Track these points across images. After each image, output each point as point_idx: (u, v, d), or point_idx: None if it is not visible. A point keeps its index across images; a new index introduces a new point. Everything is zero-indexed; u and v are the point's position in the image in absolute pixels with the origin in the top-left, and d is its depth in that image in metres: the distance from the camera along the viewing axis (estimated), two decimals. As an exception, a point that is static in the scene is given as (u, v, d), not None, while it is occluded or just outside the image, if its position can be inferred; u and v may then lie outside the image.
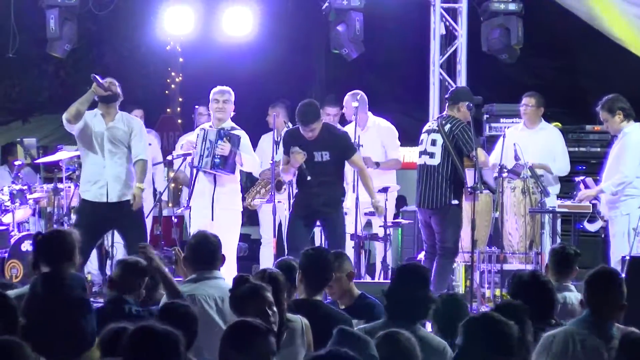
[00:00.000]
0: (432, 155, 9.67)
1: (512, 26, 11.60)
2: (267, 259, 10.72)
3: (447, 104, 9.98)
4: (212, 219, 9.53)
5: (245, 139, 9.66)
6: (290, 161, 9.30)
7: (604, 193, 9.87)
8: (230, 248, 9.66)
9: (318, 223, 9.63)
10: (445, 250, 9.60)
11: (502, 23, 11.66)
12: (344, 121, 11.11)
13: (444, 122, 9.73)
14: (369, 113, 10.98)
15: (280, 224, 10.85)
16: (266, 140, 11.15)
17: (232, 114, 9.72)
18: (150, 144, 10.77)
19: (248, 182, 12.61)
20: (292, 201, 9.84)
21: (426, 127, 10.01)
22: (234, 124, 9.72)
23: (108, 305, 6.27)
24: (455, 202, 9.58)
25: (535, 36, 13.44)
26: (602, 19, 11.56)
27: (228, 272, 9.09)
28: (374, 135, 10.80)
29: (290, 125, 10.84)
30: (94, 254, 10.60)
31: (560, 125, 11.54)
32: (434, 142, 9.68)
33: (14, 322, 4.78)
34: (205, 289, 6.27)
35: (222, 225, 9.52)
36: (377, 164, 10.73)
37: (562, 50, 15.84)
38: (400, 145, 11.19)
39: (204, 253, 6.48)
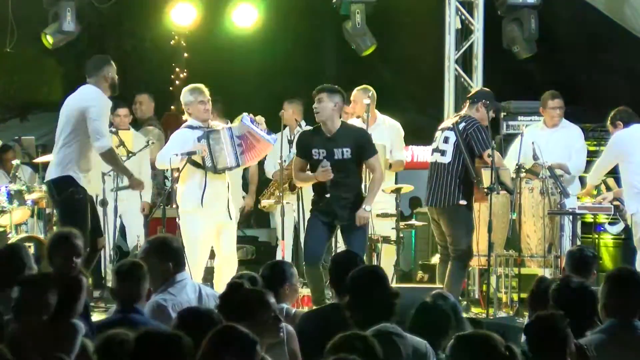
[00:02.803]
0: (443, 153, 9.49)
1: (524, 19, 11.49)
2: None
3: (467, 103, 9.74)
4: (231, 218, 9.32)
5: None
6: (317, 176, 8.92)
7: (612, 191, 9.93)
8: (234, 244, 9.52)
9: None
10: (458, 253, 9.39)
11: (516, 16, 11.57)
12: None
13: (459, 120, 9.56)
14: (375, 110, 10.68)
15: (296, 225, 10.73)
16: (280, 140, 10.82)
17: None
18: (153, 143, 10.56)
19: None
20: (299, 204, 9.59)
21: (441, 125, 9.85)
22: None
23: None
24: (463, 202, 9.36)
25: (555, 31, 13.29)
26: (623, 13, 11.39)
27: (230, 270, 8.91)
28: (383, 133, 10.49)
29: (304, 124, 10.59)
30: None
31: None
32: (446, 140, 9.51)
33: None
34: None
35: (234, 223, 9.42)
36: (390, 165, 10.52)
37: (583, 45, 15.68)
38: (414, 144, 11.03)
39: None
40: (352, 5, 11.31)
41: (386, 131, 10.59)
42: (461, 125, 9.42)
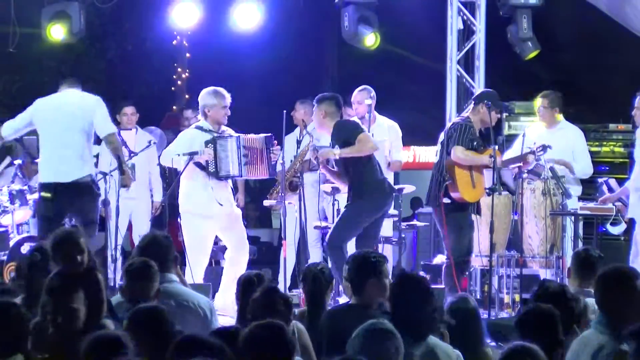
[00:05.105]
0: (436, 152, 9.55)
1: (519, 19, 11.46)
2: (290, 262, 10.53)
3: (471, 105, 9.69)
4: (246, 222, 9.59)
5: None
6: None
7: None
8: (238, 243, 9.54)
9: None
10: (447, 252, 9.30)
11: (513, 16, 11.53)
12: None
13: (453, 120, 9.58)
14: (374, 111, 10.69)
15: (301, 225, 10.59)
16: (289, 140, 10.81)
17: None
18: (155, 143, 10.55)
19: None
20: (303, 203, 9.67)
21: None
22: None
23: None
24: (446, 200, 9.23)
25: (556, 31, 13.26)
26: (624, 13, 11.36)
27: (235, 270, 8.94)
28: (382, 133, 10.49)
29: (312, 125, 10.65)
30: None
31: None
32: (438, 140, 9.51)
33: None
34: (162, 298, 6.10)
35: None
36: (388, 164, 10.54)
37: (586, 45, 15.67)
38: (416, 145, 10.95)
39: (154, 256, 6.24)
40: (342, 9, 11.30)
41: (386, 132, 10.62)
42: (449, 125, 9.42)
